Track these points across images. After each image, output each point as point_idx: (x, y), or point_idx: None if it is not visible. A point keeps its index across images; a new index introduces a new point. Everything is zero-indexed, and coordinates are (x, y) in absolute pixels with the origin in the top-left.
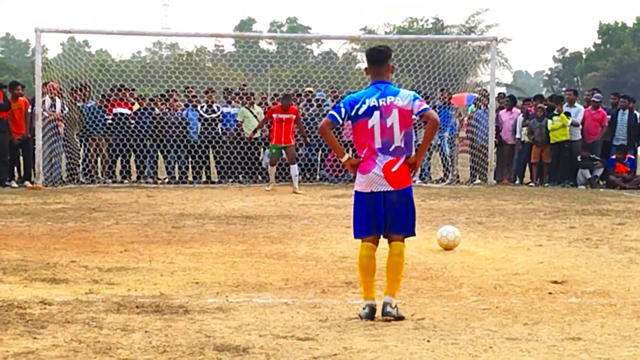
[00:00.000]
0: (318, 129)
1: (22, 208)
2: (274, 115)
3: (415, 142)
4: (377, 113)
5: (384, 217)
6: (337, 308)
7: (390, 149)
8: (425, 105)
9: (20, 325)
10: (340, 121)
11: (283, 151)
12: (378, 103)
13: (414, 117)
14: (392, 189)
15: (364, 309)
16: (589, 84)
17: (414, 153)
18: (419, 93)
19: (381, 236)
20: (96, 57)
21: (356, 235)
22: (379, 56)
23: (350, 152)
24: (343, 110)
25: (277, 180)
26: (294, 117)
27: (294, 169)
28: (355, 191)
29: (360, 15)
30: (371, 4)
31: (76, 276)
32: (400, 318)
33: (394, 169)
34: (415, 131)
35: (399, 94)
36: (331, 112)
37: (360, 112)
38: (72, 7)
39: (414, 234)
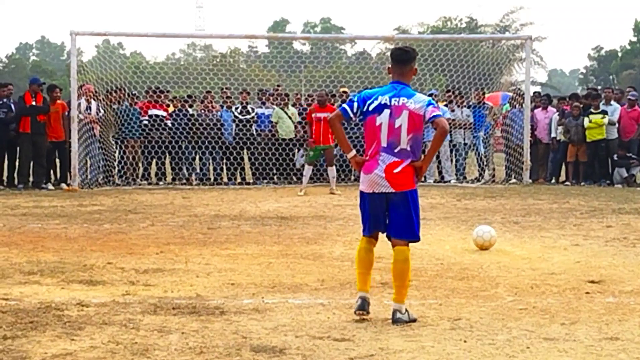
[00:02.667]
0: (328, 120)
1: (58, 210)
2: (313, 115)
3: (451, 142)
4: (387, 111)
5: (385, 217)
6: (373, 308)
7: (396, 150)
8: (438, 112)
9: (58, 327)
10: (352, 115)
11: (322, 152)
12: (390, 102)
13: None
14: (393, 191)
15: (357, 300)
16: (625, 81)
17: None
18: (453, 92)
19: (381, 234)
20: (131, 59)
21: (363, 233)
22: (403, 56)
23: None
24: (356, 104)
25: (311, 180)
26: None
27: (332, 171)
28: (360, 191)
29: (394, 15)
30: (405, 4)
31: (113, 278)
32: (412, 321)
33: (396, 170)
34: (450, 133)
35: (414, 97)
36: (344, 105)
37: (371, 108)
38: (106, 9)
39: (416, 239)
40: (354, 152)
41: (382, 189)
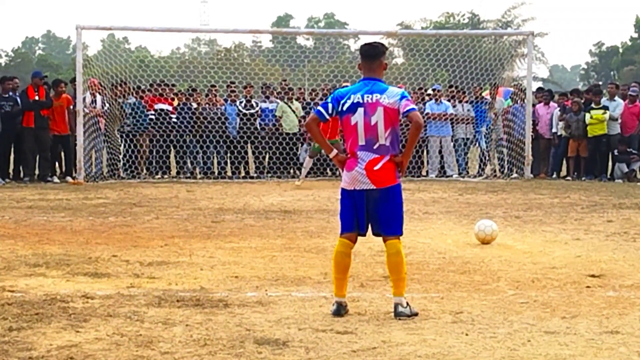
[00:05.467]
0: (305, 124)
1: (64, 203)
2: None
3: (453, 137)
4: (360, 110)
5: (366, 215)
6: (376, 302)
7: (374, 147)
8: (411, 106)
9: (63, 319)
10: (327, 117)
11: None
12: (363, 99)
13: (401, 117)
14: (375, 187)
15: (332, 305)
16: (626, 77)
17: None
18: (455, 88)
19: (365, 235)
20: (136, 53)
21: (340, 232)
22: (371, 51)
23: None
24: (330, 105)
25: (315, 175)
26: None
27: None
28: (341, 188)
29: (397, 11)
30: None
31: (118, 270)
32: (414, 315)
33: (376, 167)
34: (451, 125)
35: (387, 91)
36: (318, 107)
37: (345, 107)
38: (112, 4)
39: (399, 234)
40: (335, 151)
41: (363, 186)
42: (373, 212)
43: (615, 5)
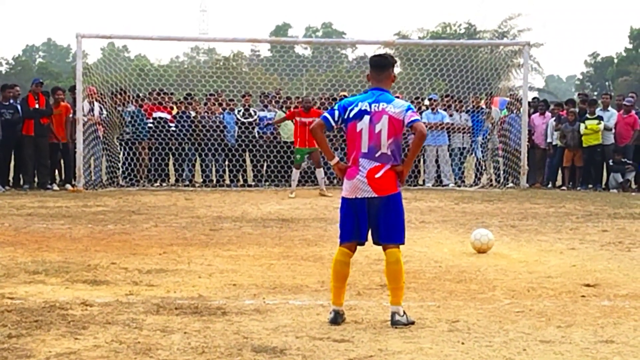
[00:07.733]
0: (310, 129)
1: (63, 211)
2: (297, 119)
3: (450, 146)
4: (367, 117)
5: (368, 224)
6: (373, 310)
7: (376, 155)
8: (416, 117)
9: (62, 326)
10: (333, 124)
11: (307, 156)
12: (370, 107)
13: (405, 128)
14: (376, 195)
15: (330, 313)
16: (621, 88)
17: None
18: (452, 98)
19: (364, 244)
20: (135, 61)
21: (340, 241)
22: (380, 62)
23: None
24: (337, 113)
25: (306, 184)
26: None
27: (320, 172)
28: (341, 197)
29: (394, 21)
30: (405, 10)
31: (116, 278)
32: (411, 323)
33: (377, 175)
34: (448, 135)
35: (393, 102)
36: (325, 114)
37: (351, 114)
38: (112, 13)
39: (401, 242)
40: (337, 159)
41: (364, 194)
42: (374, 220)
43: (610, 17)
